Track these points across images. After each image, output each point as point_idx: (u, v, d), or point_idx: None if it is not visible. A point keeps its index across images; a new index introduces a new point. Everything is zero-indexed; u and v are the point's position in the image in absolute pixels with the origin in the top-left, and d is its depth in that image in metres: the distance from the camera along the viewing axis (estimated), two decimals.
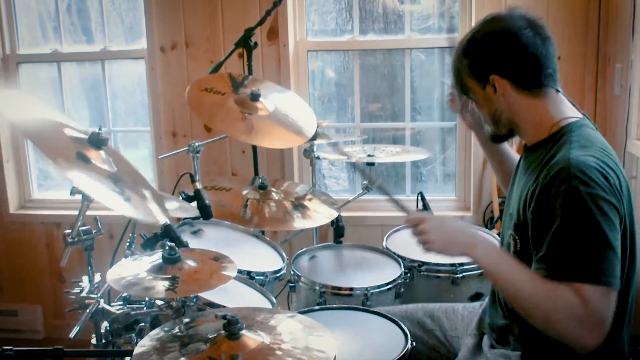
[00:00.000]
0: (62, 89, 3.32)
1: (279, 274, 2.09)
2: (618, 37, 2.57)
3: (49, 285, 3.36)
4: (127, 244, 1.83)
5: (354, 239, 2.45)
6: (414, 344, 1.59)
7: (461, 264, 2.06)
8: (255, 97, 2.21)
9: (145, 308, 1.68)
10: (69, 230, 1.55)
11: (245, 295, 1.89)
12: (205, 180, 2.36)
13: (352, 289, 1.97)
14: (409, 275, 2.08)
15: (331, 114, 3.18)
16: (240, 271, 1.89)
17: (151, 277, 1.44)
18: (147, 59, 3.05)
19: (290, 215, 2.09)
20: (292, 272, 2.11)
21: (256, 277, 1.98)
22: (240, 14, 2.91)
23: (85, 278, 1.65)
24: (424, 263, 2.09)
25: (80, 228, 1.56)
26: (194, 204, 1.88)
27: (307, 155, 2.57)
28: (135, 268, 1.49)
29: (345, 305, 1.84)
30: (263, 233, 2.38)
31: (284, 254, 2.21)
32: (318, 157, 2.58)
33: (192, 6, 2.96)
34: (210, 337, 1.27)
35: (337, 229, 2.31)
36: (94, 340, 1.64)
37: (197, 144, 2.37)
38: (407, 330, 1.64)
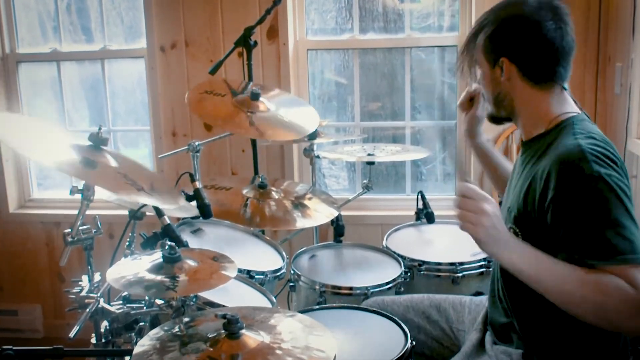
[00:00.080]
0: (61, 88, 3.31)
1: (278, 273, 2.09)
2: (618, 36, 2.57)
3: (49, 285, 3.36)
4: (127, 243, 1.83)
5: (354, 238, 2.45)
6: (414, 343, 1.59)
7: (461, 263, 2.06)
8: (255, 97, 2.21)
9: (145, 307, 1.68)
10: (69, 230, 1.55)
11: (245, 295, 1.89)
12: (205, 180, 2.36)
13: (352, 288, 1.97)
14: (409, 274, 2.08)
15: (331, 113, 3.18)
16: (240, 270, 1.89)
17: (151, 277, 1.44)
18: (147, 58, 3.05)
19: (290, 214, 2.09)
20: (292, 272, 2.10)
21: (256, 276, 1.98)
22: (240, 14, 2.91)
23: (85, 277, 1.65)
24: (424, 262, 2.09)
25: (80, 227, 1.56)
26: (193, 203, 1.88)
27: (307, 155, 2.57)
28: (135, 267, 1.49)
29: (345, 305, 1.84)
30: (263, 232, 2.38)
31: (284, 253, 2.21)
32: (318, 156, 2.58)
33: (192, 6, 2.96)
34: (210, 336, 1.27)
35: (337, 228, 2.30)
36: (93, 340, 1.64)
37: (197, 143, 2.37)
38: (407, 330, 1.64)
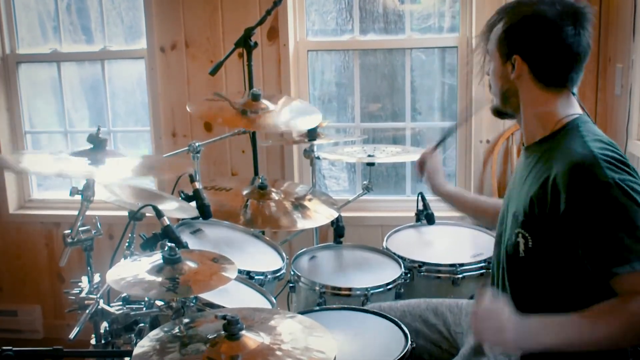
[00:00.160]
0: (61, 88, 3.31)
1: (278, 274, 2.08)
2: (618, 37, 2.57)
3: (49, 286, 3.36)
4: (127, 244, 1.83)
5: (354, 239, 2.45)
6: (414, 344, 1.59)
7: (461, 265, 2.06)
8: (256, 97, 2.22)
9: (144, 308, 1.68)
10: (69, 231, 1.55)
11: (245, 296, 1.89)
12: (205, 180, 2.36)
13: (351, 289, 1.97)
14: (409, 275, 2.08)
15: (331, 114, 3.18)
16: (240, 271, 1.88)
17: (151, 278, 1.44)
18: (147, 59, 3.05)
19: (290, 215, 2.09)
20: (292, 273, 2.10)
21: (256, 277, 1.98)
22: (240, 14, 2.90)
23: (84, 278, 1.65)
24: (424, 263, 2.09)
25: (80, 228, 1.56)
26: (193, 203, 1.88)
27: (307, 155, 2.57)
28: (135, 269, 1.49)
29: (345, 306, 1.84)
30: (263, 233, 2.38)
31: (283, 254, 2.21)
32: (318, 157, 2.58)
33: (192, 6, 2.96)
34: (210, 337, 1.27)
35: (337, 229, 2.30)
36: (93, 341, 1.65)
37: (197, 144, 2.37)
38: (407, 331, 1.64)
